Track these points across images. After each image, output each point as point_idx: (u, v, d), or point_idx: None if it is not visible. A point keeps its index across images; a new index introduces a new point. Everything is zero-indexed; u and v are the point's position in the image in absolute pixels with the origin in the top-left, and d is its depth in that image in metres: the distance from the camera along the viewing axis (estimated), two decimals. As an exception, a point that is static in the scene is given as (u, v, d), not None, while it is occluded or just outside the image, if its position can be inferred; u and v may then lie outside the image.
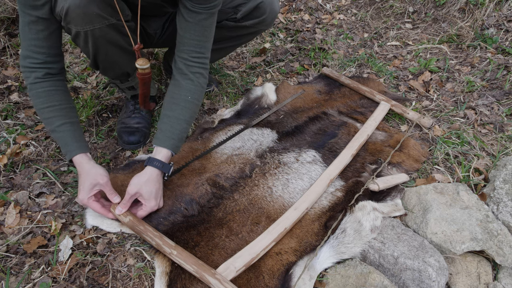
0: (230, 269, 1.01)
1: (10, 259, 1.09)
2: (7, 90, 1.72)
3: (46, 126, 1.19)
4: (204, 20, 1.19)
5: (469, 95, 1.84)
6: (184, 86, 1.23)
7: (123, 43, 1.23)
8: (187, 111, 1.24)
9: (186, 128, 1.25)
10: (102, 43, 1.18)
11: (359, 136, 1.50)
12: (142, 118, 1.56)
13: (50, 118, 1.16)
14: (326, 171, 1.34)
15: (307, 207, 1.21)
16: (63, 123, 1.16)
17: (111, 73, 1.40)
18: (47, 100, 1.15)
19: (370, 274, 1.05)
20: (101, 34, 1.14)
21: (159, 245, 1.06)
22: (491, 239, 1.14)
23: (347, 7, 2.69)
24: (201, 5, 1.15)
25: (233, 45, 1.64)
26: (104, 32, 1.14)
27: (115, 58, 1.28)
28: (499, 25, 2.22)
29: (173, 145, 1.21)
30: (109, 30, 1.15)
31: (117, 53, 1.26)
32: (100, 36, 1.15)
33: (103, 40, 1.17)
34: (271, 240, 1.09)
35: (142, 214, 1.17)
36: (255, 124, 1.62)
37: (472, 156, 1.50)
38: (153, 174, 1.16)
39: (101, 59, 1.27)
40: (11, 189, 1.30)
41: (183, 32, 1.20)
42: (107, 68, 1.35)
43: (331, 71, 1.97)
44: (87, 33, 1.12)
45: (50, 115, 1.16)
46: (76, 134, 1.18)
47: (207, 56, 1.27)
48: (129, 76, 1.46)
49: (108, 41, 1.18)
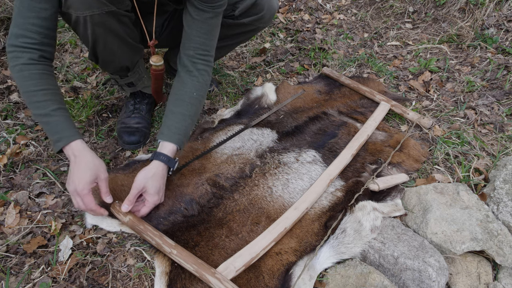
0: (230, 268, 1.01)
1: (10, 259, 1.09)
2: (7, 90, 1.72)
3: (36, 110, 1.08)
4: (210, 19, 1.21)
5: (469, 95, 1.84)
6: (189, 82, 1.24)
7: (122, 33, 1.22)
8: (192, 107, 1.24)
9: (191, 124, 1.25)
10: (101, 30, 1.16)
11: (359, 136, 1.50)
12: (142, 118, 1.56)
13: (43, 101, 1.08)
14: (326, 171, 1.34)
15: (307, 207, 1.21)
16: (59, 108, 1.10)
17: (111, 67, 1.39)
18: (42, 83, 1.08)
19: (370, 274, 1.05)
20: (100, 21, 1.13)
21: (159, 245, 1.06)
22: (491, 239, 1.14)
23: (347, 7, 2.69)
24: (208, 3, 1.17)
25: (232, 44, 1.64)
26: (103, 19, 1.13)
27: (114, 49, 1.26)
28: (499, 25, 2.22)
29: (179, 140, 1.21)
30: (108, 17, 1.14)
31: (116, 43, 1.25)
32: (99, 23, 1.13)
33: (102, 28, 1.15)
34: (271, 240, 1.09)
35: (145, 210, 1.16)
36: (255, 124, 1.62)
37: (472, 156, 1.49)
38: (159, 168, 1.16)
39: (100, 49, 1.25)
40: (11, 189, 1.30)
41: (190, 29, 1.22)
42: (106, 61, 1.33)
43: (331, 71, 1.97)
44: (86, 18, 1.10)
45: (43, 98, 1.08)
46: (70, 120, 1.12)
47: (212, 55, 1.28)
48: (128, 71, 1.45)
49: (107, 29, 1.17)
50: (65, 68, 1.92)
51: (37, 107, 1.08)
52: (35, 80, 1.08)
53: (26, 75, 1.07)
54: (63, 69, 1.91)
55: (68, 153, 1.09)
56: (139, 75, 1.51)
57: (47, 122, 1.09)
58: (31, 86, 1.08)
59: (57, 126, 1.09)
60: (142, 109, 1.58)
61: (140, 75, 1.52)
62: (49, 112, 1.08)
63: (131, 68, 1.44)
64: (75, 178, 1.05)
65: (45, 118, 1.08)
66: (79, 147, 1.09)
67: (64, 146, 1.08)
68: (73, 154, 1.08)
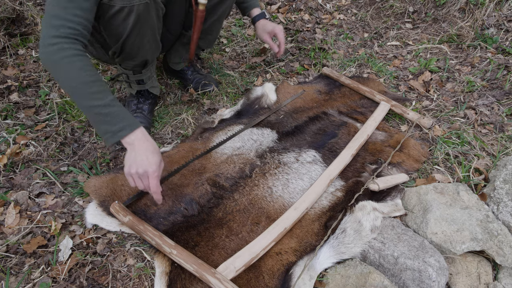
0: (229, 268, 1.01)
1: (10, 259, 1.09)
2: (7, 90, 1.72)
3: (94, 101, 1.04)
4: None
5: (469, 95, 1.83)
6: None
7: (156, 26, 1.28)
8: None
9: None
10: (141, 21, 1.19)
11: (359, 136, 1.50)
12: (144, 117, 1.56)
13: (102, 92, 1.05)
14: (326, 171, 1.34)
15: (307, 207, 1.21)
16: (114, 98, 1.07)
17: (131, 61, 1.39)
18: (96, 74, 1.05)
19: (370, 274, 1.05)
20: (144, 10, 1.16)
21: (159, 245, 1.06)
22: (491, 239, 1.14)
23: (347, 7, 2.69)
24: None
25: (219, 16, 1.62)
26: (146, 10, 1.17)
27: (144, 41, 1.30)
28: (499, 25, 2.22)
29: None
30: (150, 9, 1.19)
31: (148, 36, 1.29)
32: (142, 12, 1.17)
33: (143, 18, 1.19)
34: (271, 240, 1.09)
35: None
36: (255, 124, 1.62)
37: (472, 156, 1.49)
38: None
39: (131, 41, 1.26)
40: (11, 189, 1.30)
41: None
42: (131, 54, 1.33)
43: (331, 71, 1.97)
44: (132, 8, 1.13)
45: (101, 88, 1.05)
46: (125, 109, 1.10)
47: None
48: (145, 67, 1.47)
49: (146, 21, 1.21)
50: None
51: (96, 98, 1.04)
52: (89, 71, 1.04)
53: (79, 66, 1.02)
54: (63, 69, 1.91)
55: (131, 139, 1.07)
56: (151, 73, 1.54)
57: (108, 113, 1.05)
58: (86, 77, 1.03)
59: (119, 116, 1.06)
60: (144, 109, 1.59)
61: (151, 74, 1.55)
62: (109, 102, 1.05)
63: (150, 62, 1.47)
64: (145, 161, 1.06)
65: (106, 109, 1.05)
66: (144, 132, 1.09)
67: (128, 134, 1.06)
68: (139, 139, 1.07)
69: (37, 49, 2.04)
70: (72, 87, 1.03)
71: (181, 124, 1.65)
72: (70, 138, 1.52)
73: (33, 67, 1.91)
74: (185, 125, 1.64)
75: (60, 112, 1.64)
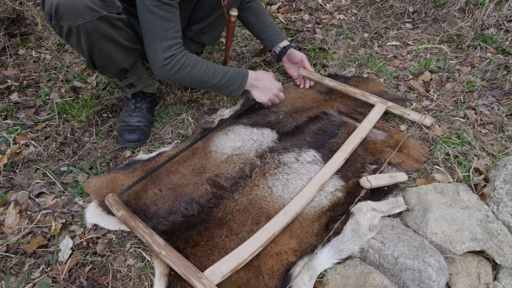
0: (216, 274, 1.00)
1: (10, 259, 1.09)
2: (7, 90, 1.72)
3: (214, 80, 1.42)
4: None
5: (469, 95, 1.83)
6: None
7: (116, 36, 1.23)
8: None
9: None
10: (95, 37, 1.17)
11: (353, 138, 1.49)
12: (143, 117, 1.56)
13: (215, 71, 1.42)
14: (317, 175, 1.32)
15: (297, 212, 1.20)
16: (221, 66, 1.46)
17: (109, 71, 1.39)
18: (204, 61, 1.40)
19: (370, 274, 1.05)
20: (94, 28, 1.13)
21: (149, 244, 1.06)
22: (491, 239, 1.14)
23: (347, 7, 2.69)
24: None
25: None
26: (96, 26, 1.13)
27: (110, 53, 1.27)
28: (499, 25, 2.22)
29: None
30: (101, 23, 1.14)
31: (112, 47, 1.25)
32: (92, 30, 1.14)
33: (96, 34, 1.16)
34: (259, 246, 1.08)
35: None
36: (255, 124, 1.62)
37: (472, 156, 1.49)
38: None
39: (97, 56, 1.26)
40: (11, 189, 1.30)
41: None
42: (104, 66, 1.34)
43: (309, 72, 1.87)
44: (79, 27, 1.11)
45: (215, 67, 1.42)
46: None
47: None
48: (127, 73, 1.45)
49: (101, 35, 1.17)
50: (65, 68, 1.92)
51: (216, 74, 1.42)
52: (205, 61, 1.40)
53: (200, 61, 1.38)
54: (63, 69, 1.91)
55: (250, 83, 1.52)
56: (138, 75, 1.51)
57: (230, 78, 1.45)
58: (210, 65, 1.41)
59: (234, 76, 1.47)
60: (143, 108, 1.59)
61: (139, 75, 1.52)
62: (224, 73, 1.44)
63: (130, 69, 1.44)
64: (273, 86, 1.60)
65: (226, 77, 1.44)
66: (252, 72, 1.54)
67: (246, 82, 1.50)
68: (253, 79, 1.53)
69: (37, 49, 2.04)
70: (206, 77, 1.40)
71: (181, 124, 1.65)
72: (70, 138, 1.52)
73: (33, 67, 1.91)
74: (185, 125, 1.64)
75: (60, 112, 1.64)
